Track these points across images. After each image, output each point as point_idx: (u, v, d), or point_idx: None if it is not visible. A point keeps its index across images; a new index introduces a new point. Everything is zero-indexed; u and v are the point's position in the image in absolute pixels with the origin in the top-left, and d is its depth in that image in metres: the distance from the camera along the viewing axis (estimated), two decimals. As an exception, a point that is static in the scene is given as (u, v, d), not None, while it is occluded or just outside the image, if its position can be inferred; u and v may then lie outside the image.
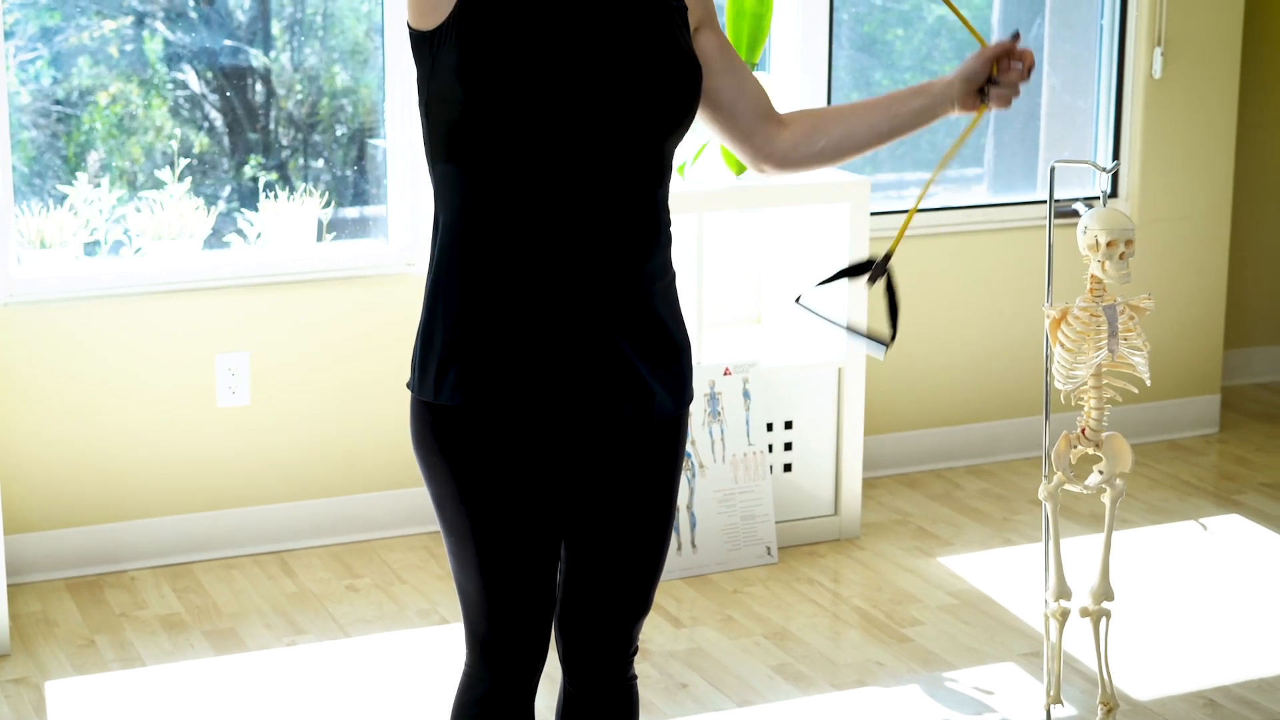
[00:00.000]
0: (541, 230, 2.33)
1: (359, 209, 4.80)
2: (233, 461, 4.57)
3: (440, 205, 2.40)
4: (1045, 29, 5.46)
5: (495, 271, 2.35)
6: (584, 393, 2.38)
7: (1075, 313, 3.32)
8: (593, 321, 2.37)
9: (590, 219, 2.34)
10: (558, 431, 2.40)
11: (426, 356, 2.41)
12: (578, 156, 2.32)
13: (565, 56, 2.31)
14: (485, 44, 2.29)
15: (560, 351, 2.36)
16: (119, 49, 4.55)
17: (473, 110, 2.31)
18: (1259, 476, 5.28)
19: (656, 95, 2.36)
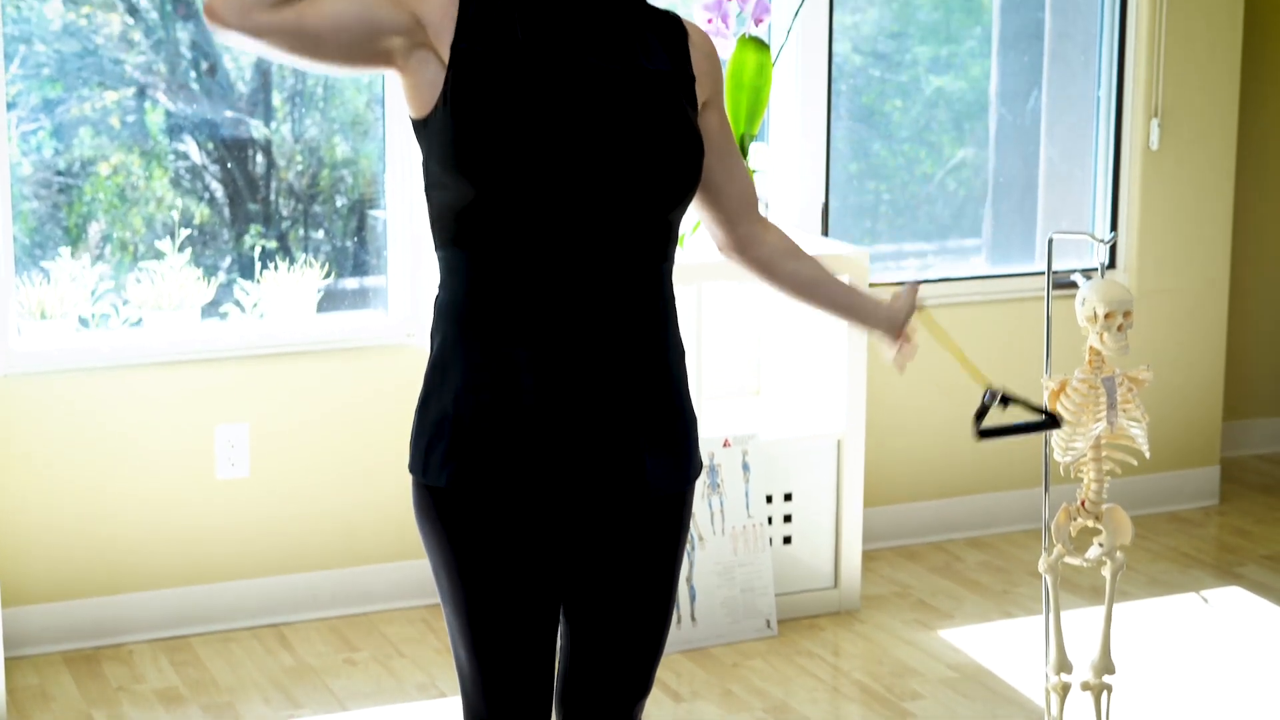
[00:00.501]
0: (545, 310, 2.33)
1: (359, 280, 4.81)
2: (231, 533, 4.56)
3: (443, 285, 2.40)
4: (1043, 100, 5.49)
5: (498, 352, 2.34)
6: (585, 473, 2.37)
7: (1074, 384, 3.32)
8: (597, 401, 2.36)
9: (594, 296, 2.33)
10: (557, 511, 2.39)
11: (427, 437, 2.40)
12: (579, 234, 2.32)
13: (562, 136, 2.30)
14: (477, 128, 2.28)
15: (566, 431, 2.35)
16: (120, 120, 4.57)
17: (470, 196, 2.31)
18: (1259, 548, 5.27)
19: (659, 168, 2.35)
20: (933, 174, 5.50)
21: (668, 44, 2.44)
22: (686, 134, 2.39)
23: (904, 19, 5.38)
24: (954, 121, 5.48)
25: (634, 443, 2.39)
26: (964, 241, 5.57)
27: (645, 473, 2.41)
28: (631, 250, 2.36)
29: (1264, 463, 6.11)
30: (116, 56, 4.54)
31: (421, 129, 2.36)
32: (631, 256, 2.36)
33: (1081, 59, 5.48)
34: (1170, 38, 5.39)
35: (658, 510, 2.46)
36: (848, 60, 5.28)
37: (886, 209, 5.45)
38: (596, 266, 2.33)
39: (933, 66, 5.43)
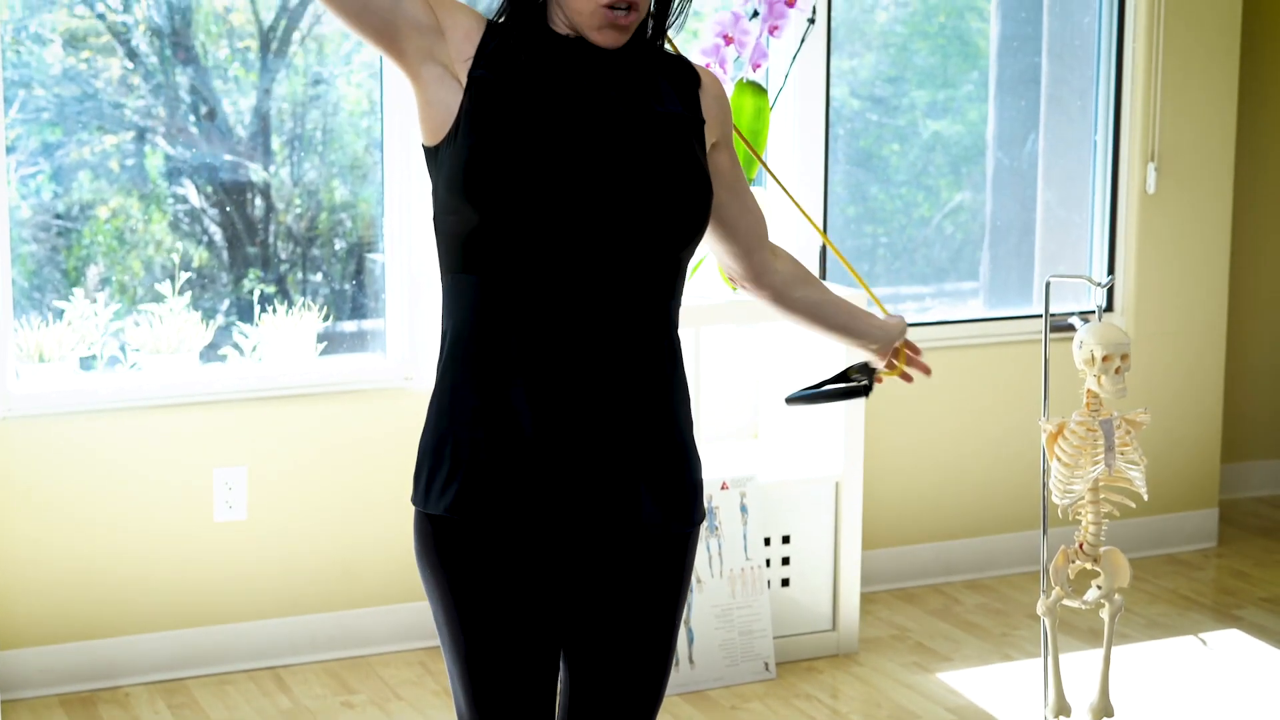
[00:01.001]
0: (547, 342, 2.33)
1: (357, 323, 4.82)
2: (229, 576, 4.55)
3: (448, 315, 2.40)
4: (1040, 144, 5.50)
5: (502, 382, 2.34)
6: (581, 506, 2.37)
7: (1072, 427, 3.32)
8: (596, 435, 2.36)
9: (598, 330, 2.34)
10: (558, 547, 2.39)
11: (429, 466, 2.40)
12: (584, 268, 2.32)
13: (570, 166, 2.31)
14: (488, 152, 2.30)
15: (565, 465, 2.35)
16: (120, 164, 4.58)
17: (478, 222, 2.32)
18: (1258, 591, 5.27)
19: (666, 207, 2.36)
20: (930, 217, 5.51)
21: (679, 88, 2.46)
22: (695, 175, 2.41)
23: (901, 64, 5.40)
24: (951, 165, 5.50)
25: (631, 479, 2.39)
26: (961, 284, 5.58)
27: (641, 509, 2.40)
28: (636, 287, 2.36)
29: (1262, 505, 6.11)
30: (116, 100, 4.55)
31: (433, 155, 2.38)
32: (636, 293, 2.37)
33: (1078, 104, 5.50)
34: (1166, 82, 5.42)
35: (658, 552, 2.45)
36: (845, 104, 5.30)
37: (884, 252, 5.46)
38: (601, 301, 2.34)
39: (930, 111, 5.45)
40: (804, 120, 5.02)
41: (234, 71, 4.66)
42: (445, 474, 2.37)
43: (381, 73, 4.66)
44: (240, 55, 4.67)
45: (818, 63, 5.01)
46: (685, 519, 2.47)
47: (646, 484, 2.41)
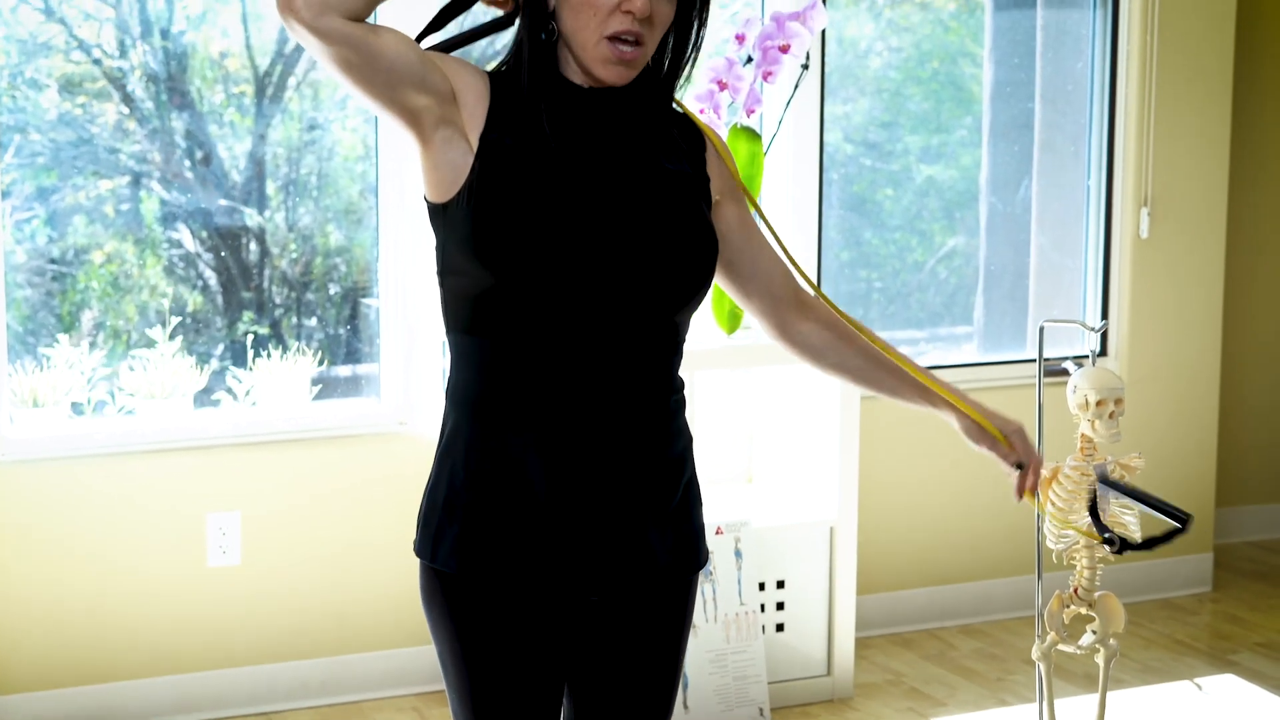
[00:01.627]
0: (556, 400, 2.33)
1: (351, 368, 4.82)
2: (222, 621, 4.54)
3: (455, 370, 2.40)
4: (1033, 189, 5.52)
5: (512, 442, 2.34)
6: (594, 561, 2.37)
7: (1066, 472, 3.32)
8: (607, 490, 2.37)
9: (606, 387, 2.34)
10: (565, 598, 2.39)
11: (437, 522, 2.40)
12: (593, 326, 2.32)
13: (582, 229, 2.31)
14: (500, 216, 2.29)
15: (577, 523, 2.36)
16: (115, 208, 4.59)
17: (488, 283, 2.31)
18: (1253, 636, 5.26)
19: (674, 266, 2.37)
20: (924, 262, 5.52)
21: (687, 145, 2.47)
22: (703, 234, 2.41)
23: (895, 109, 5.42)
24: (945, 210, 5.51)
25: (643, 531, 2.39)
26: (955, 329, 5.59)
27: (655, 559, 2.41)
28: (643, 343, 2.37)
29: (1256, 549, 6.11)
30: (112, 145, 4.56)
31: (440, 213, 2.36)
32: (643, 349, 2.37)
33: (1071, 149, 5.51)
34: (1159, 127, 5.43)
35: (664, 597, 2.46)
36: (839, 149, 5.32)
37: (878, 297, 5.47)
38: (609, 358, 2.34)
39: (924, 156, 5.46)
40: (798, 165, 5.03)
41: (229, 117, 4.67)
42: (457, 532, 2.37)
43: (376, 118, 4.67)
44: (236, 100, 4.68)
45: (812, 108, 5.02)
46: (691, 564, 2.48)
47: (657, 533, 2.41)
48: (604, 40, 2.32)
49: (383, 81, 2.28)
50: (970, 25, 5.48)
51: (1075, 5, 5.47)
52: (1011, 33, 5.46)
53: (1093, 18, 5.47)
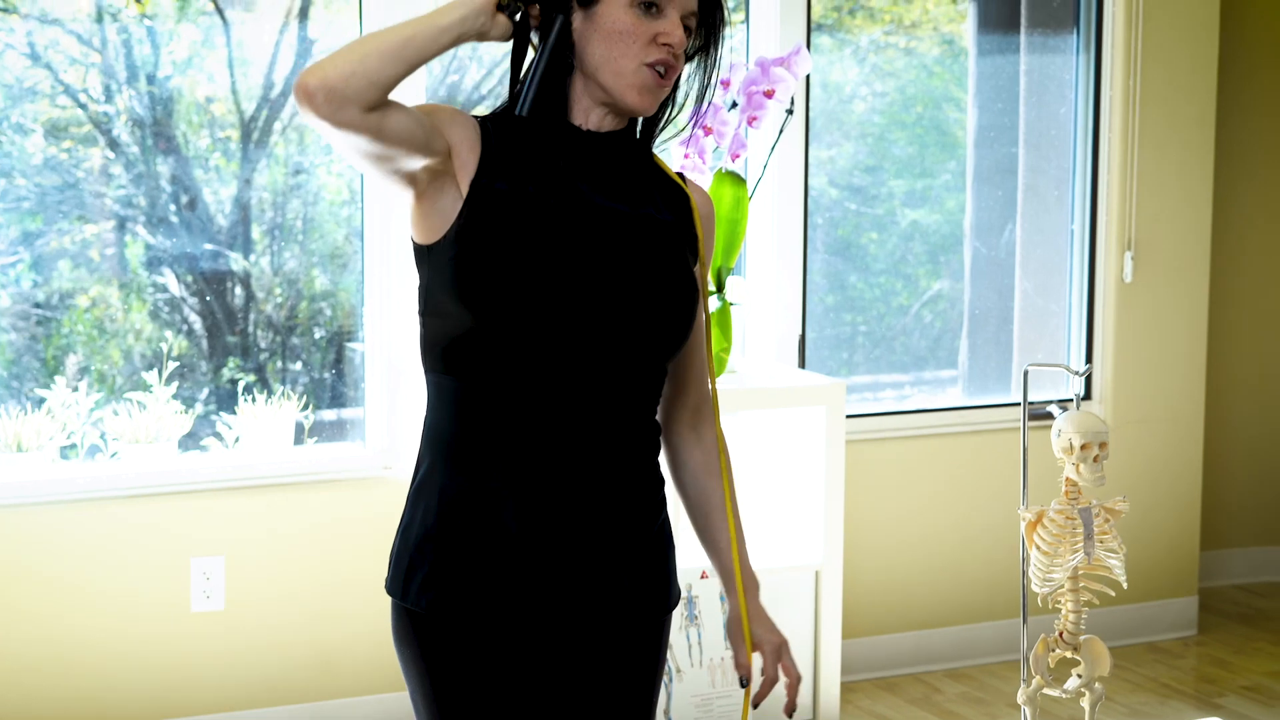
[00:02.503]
0: (532, 444, 2.34)
1: (337, 411, 4.81)
2: (206, 666, 4.52)
3: (431, 410, 2.41)
4: (1017, 233, 5.53)
5: (486, 484, 2.35)
6: (572, 606, 2.38)
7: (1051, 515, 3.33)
8: (580, 533, 2.37)
9: (582, 432, 2.35)
10: (538, 640, 2.39)
11: (408, 561, 2.40)
12: (573, 371, 2.33)
13: (567, 276, 2.32)
14: (486, 259, 2.30)
15: (550, 566, 2.36)
16: (100, 253, 4.59)
17: (469, 325, 2.32)
18: (1239, 679, 5.26)
19: (657, 314, 2.39)
20: (909, 306, 5.53)
21: (670, 198, 2.49)
22: (685, 285, 2.43)
23: (879, 153, 5.44)
24: (930, 254, 5.53)
25: (617, 573, 2.40)
26: (940, 373, 5.59)
27: (629, 601, 2.41)
28: (620, 389, 2.38)
29: (1242, 593, 6.11)
30: (97, 190, 4.57)
31: (425, 254, 2.37)
32: (620, 395, 2.38)
33: (1055, 193, 5.53)
34: (1142, 172, 5.46)
35: (637, 637, 2.46)
36: (824, 194, 5.33)
37: (863, 340, 5.48)
38: (586, 403, 2.35)
39: (908, 200, 5.48)
40: (783, 209, 5.04)
41: (215, 161, 4.68)
42: (425, 572, 2.37)
43: (362, 162, 4.67)
44: (221, 145, 4.69)
45: (796, 152, 5.04)
46: (663, 605, 2.48)
47: (630, 576, 2.42)
48: (644, 67, 2.37)
49: (391, 161, 2.31)
50: (954, 70, 5.51)
51: (1058, 50, 5.50)
52: (995, 78, 5.48)
53: (1076, 63, 5.50)
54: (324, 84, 2.21)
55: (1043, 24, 5.48)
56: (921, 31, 5.48)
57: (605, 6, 2.37)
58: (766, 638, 2.59)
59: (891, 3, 5.44)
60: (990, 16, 5.48)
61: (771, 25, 4.99)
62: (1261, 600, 6.03)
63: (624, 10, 2.36)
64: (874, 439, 5.19)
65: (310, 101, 2.22)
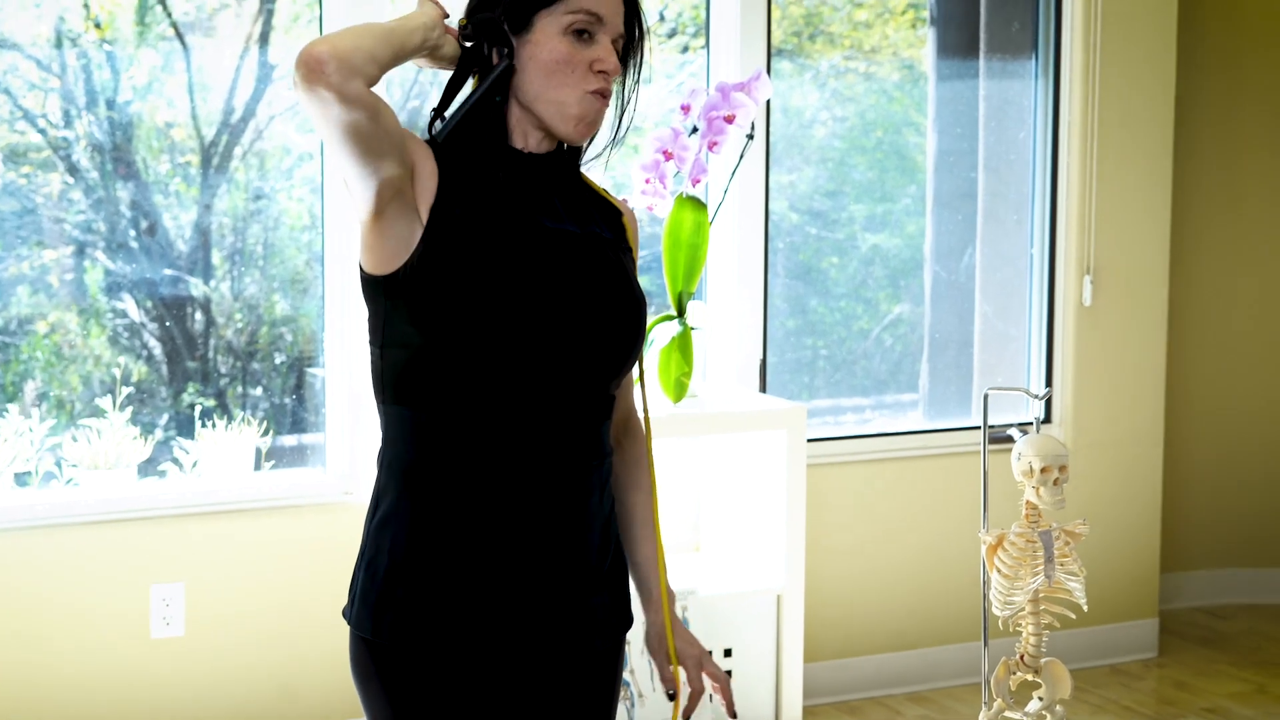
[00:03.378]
0: (492, 470, 2.34)
1: (297, 437, 4.80)
2: (166, 694, 4.50)
3: (388, 441, 2.40)
4: (977, 257, 5.56)
5: (443, 509, 2.34)
6: (537, 628, 2.38)
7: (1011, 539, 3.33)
8: (543, 560, 2.37)
9: (541, 456, 2.35)
10: (500, 667, 2.38)
11: (362, 588, 2.39)
12: (533, 397, 2.33)
13: (531, 301, 2.32)
14: (451, 290, 2.30)
15: (510, 592, 2.36)
16: (59, 278, 4.57)
17: (434, 356, 2.31)
18: (1199, 701, 5.27)
19: (614, 336, 2.40)
20: (869, 330, 5.54)
21: (605, 214, 2.50)
22: (636, 299, 2.45)
23: (840, 178, 5.46)
24: (890, 278, 5.54)
25: (584, 595, 2.40)
26: (901, 396, 5.61)
27: (596, 622, 2.42)
28: (580, 411, 2.38)
29: (1202, 615, 6.13)
30: (56, 215, 4.55)
31: (381, 285, 2.35)
32: (579, 417, 2.39)
33: (1014, 217, 5.56)
34: (1101, 196, 5.49)
35: (599, 658, 2.47)
36: (785, 218, 5.35)
37: (824, 364, 5.49)
38: (548, 427, 2.36)
39: (869, 224, 5.50)
40: (744, 234, 5.05)
41: (175, 186, 4.67)
42: (387, 602, 2.36)
43: (323, 188, 4.67)
44: (181, 170, 4.68)
45: (757, 177, 5.05)
46: (624, 624, 2.51)
47: (596, 597, 2.43)
48: (586, 96, 2.37)
49: (379, 149, 2.29)
50: (914, 95, 5.53)
51: (1017, 76, 5.53)
52: (954, 103, 5.51)
53: (1034, 88, 5.53)
54: (334, 52, 2.21)
55: (1001, 50, 5.51)
56: (881, 57, 5.50)
57: (539, 35, 2.36)
58: (688, 651, 2.60)
59: (851, 28, 5.46)
60: (949, 42, 5.51)
61: (732, 50, 5.01)
62: (1222, 622, 6.05)
63: (558, 39, 2.36)
64: (835, 463, 5.20)
65: (319, 69, 2.20)
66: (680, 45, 5.21)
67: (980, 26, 5.49)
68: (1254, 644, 5.81)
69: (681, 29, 5.21)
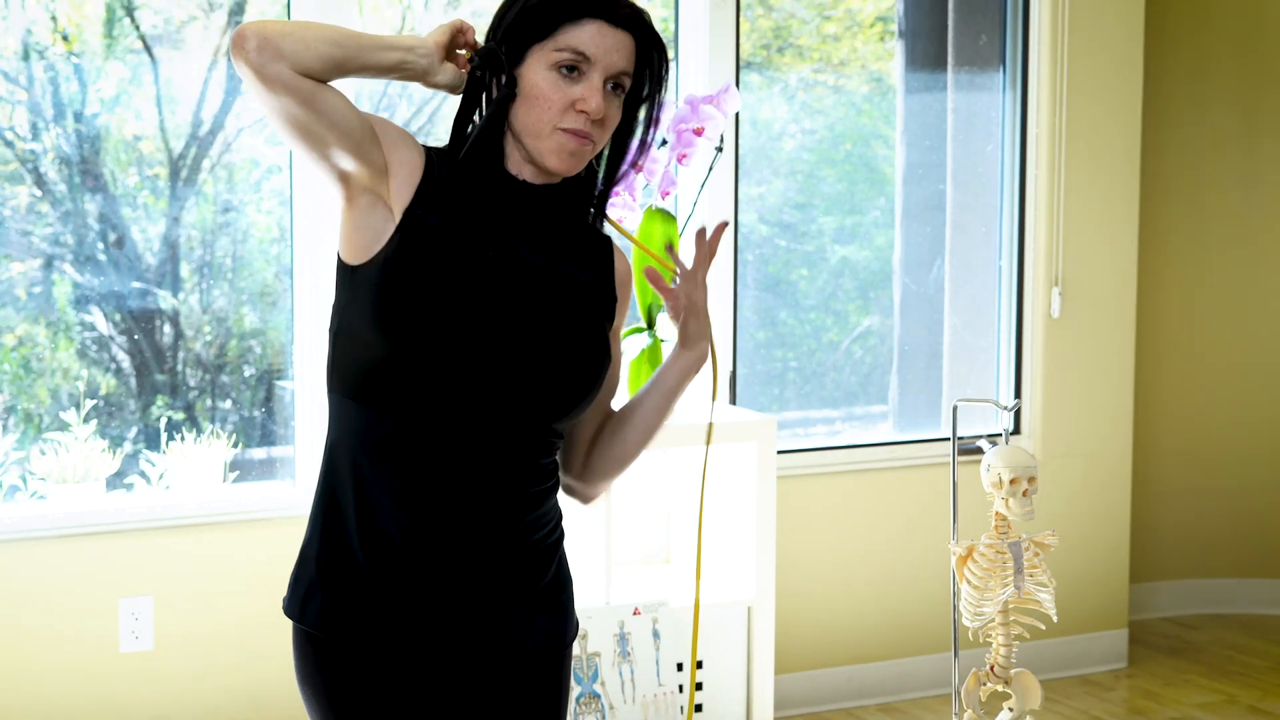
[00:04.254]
0: (425, 478, 2.36)
1: (266, 450, 4.79)
2: (135, 708, 4.48)
3: (333, 430, 2.44)
4: (946, 269, 5.57)
5: (379, 508, 2.37)
6: (453, 637, 2.39)
7: (981, 550, 3.34)
8: (466, 565, 2.38)
9: (478, 472, 2.37)
10: (429, 665, 2.40)
11: (306, 580, 2.42)
12: (473, 417, 2.35)
13: (480, 322, 2.33)
14: (407, 291, 2.31)
15: (435, 591, 2.38)
16: (26, 291, 4.56)
17: (381, 355, 2.33)
18: (1168, 711, 5.29)
19: (558, 377, 2.40)
20: (839, 342, 5.55)
21: (596, 259, 2.51)
22: (596, 348, 2.45)
23: (809, 190, 5.47)
24: (859, 290, 5.55)
25: (506, 611, 2.41)
26: (871, 408, 5.62)
27: (520, 640, 2.43)
28: (519, 440, 2.39)
29: (1171, 625, 6.15)
30: (24, 228, 4.53)
31: (350, 275, 2.38)
32: (518, 445, 2.40)
33: (983, 230, 5.57)
34: (1069, 208, 5.50)
35: (533, 668, 2.47)
36: (754, 230, 5.35)
37: (794, 376, 5.50)
38: (486, 445, 2.37)
39: (838, 236, 5.51)
40: (713, 246, 5.05)
41: (143, 199, 4.66)
42: (320, 592, 2.40)
43: (291, 200, 4.66)
44: (150, 183, 4.67)
45: (726, 190, 5.06)
46: (560, 640, 2.50)
47: (521, 614, 2.43)
48: (558, 131, 2.36)
49: (320, 139, 2.32)
50: (882, 108, 5.55)
51: (985, 89, 5.54)
52: (923, 116, 5.52)
53: (1002, 101, 5.54)
54: (260, 33, 2.26)
55: (969, 62, 5.53)
56: (850, 70, 5.51)
57: (526, 69, 2.37)
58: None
59: (820, 41, 5.48)
60: (917, 55, 5.52)
61: (701, 63, 5.01)
62: (1191, 632, 6.07)
63: (543, 73, 2.36)
64: (805, 474, 5.20)
65: (240, 44, 2.25)
66: (649, 58, 5.21)
67: (948, 39, 5.51)
68: (1223, 654, 5.82)
69: (651, 41, 5.21)
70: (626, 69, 2.39)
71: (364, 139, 2.33)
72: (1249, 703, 5.32)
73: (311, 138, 2.31)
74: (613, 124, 2.41)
